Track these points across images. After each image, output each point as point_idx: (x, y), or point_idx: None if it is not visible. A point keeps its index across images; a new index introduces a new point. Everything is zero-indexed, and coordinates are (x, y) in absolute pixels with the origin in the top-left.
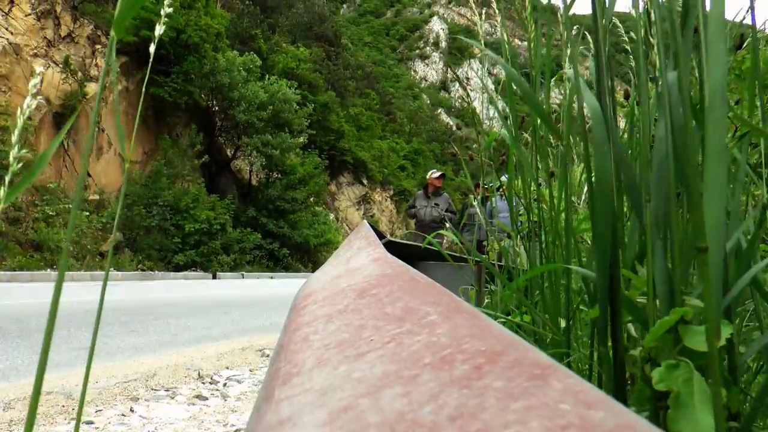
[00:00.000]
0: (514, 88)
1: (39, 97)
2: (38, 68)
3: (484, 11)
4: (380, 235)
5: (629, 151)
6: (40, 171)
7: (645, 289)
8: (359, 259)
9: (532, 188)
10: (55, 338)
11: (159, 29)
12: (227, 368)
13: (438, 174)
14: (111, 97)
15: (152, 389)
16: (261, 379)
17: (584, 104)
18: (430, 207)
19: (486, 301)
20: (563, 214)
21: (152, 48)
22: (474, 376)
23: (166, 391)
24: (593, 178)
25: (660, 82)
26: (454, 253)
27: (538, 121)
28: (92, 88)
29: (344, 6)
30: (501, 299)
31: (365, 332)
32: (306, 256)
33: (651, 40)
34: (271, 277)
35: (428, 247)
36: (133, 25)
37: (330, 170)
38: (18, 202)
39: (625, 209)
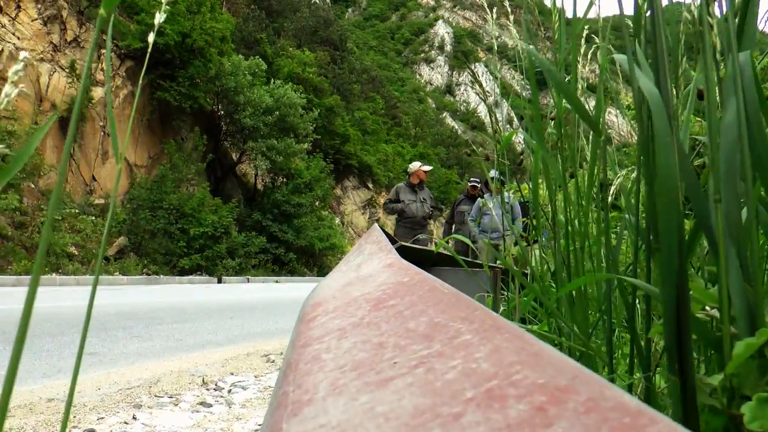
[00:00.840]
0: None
1: (21, 86)
2: (22, 54)
3: (498, 8)
4: (392, 240)
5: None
6: (25, 158)
7: (712, 304)
8: (371, 265)
9: (556, 189)
10: (58, 343)
11: (159, 17)
12: (232, 374)
13: (429, 168)
14: (117, 101)
15: (155, 396)
16: (266, 386)
17: (641, 91)
18: (419, 202)
19: (501, 309)
20: (589, 216)
21: (151, 37)
22: (538, 421)
23: (170, 397)
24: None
25: (725, 64)
26: (467, 258)
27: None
28: (98, 92)
29: (349, 10)
30: (517, 307)
31: (386, 352)
32: (311, 260)
33: (710, 20)
34: (277, 281)
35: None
36: (139, 31)
37: (335, 174)
38: (24, 207)
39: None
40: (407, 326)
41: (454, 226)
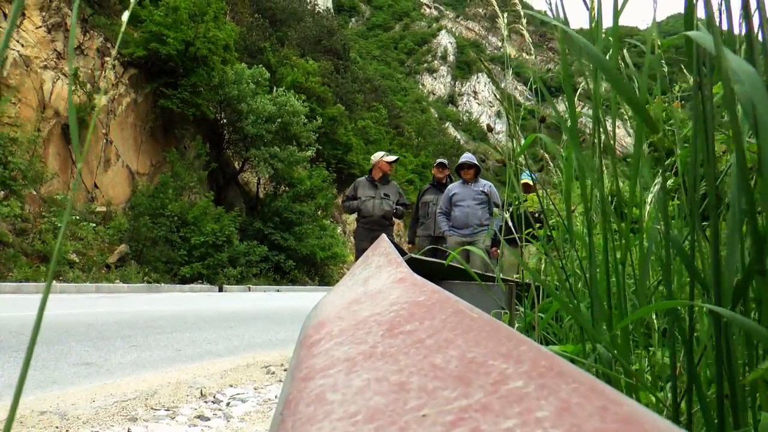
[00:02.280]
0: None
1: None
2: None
3: (505, 14)
4: (401, 252)
5: None
6: None
7: None
8: (379, 279)
9: (590, 194)
10: (54, 352)
11: (125, 16)
12: (231, 386)
13: (392, 158)
14: (119, 109)
15: (152, 408)
16: (266, 398)
17: (731, 74)
18: (379, 198)
19: (516, 325)
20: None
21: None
22: None
23: (167, 410)
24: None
25: None
26: (479, 271)
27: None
28: (101, 100)
29: (353, 20)
30: (526, 323)
31: (410, 397)
32: (313, 269)
33: None
34: (278, 290)
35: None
36: (143, 39)
37: (338, 183)
38: (25, 213)
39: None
40: (433, 361)
41: (419, 221)
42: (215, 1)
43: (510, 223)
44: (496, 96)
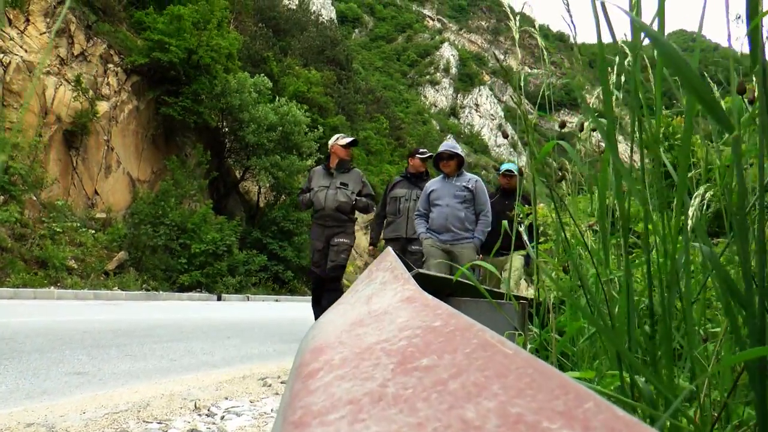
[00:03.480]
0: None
1: None
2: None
3: (504, 33)
4: (407, 266)
5: None
6: None
7: None
8: (384, 297)
9: (630, 205)
10: (46, 361)
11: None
12: (226, 398)
13: (348, 139)
14: (121, 116)
15: (144, 421)
16: (261, 412)
17: None
18: (333, 188)
19: (529, 347)
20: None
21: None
22: None
23: (159, 423)
24: None
25: None
26: (488, 287)
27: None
28: (103, 106)
29: (356, 31)
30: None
31: None
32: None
33: None
34: (277, 300)
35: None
36: (146, 46)
37: None
38: (25, 219)
39: None
40: (463, 416)
41: (386, 220)
42: (219, 10)
43: (524, 238)
44: (513, 98)
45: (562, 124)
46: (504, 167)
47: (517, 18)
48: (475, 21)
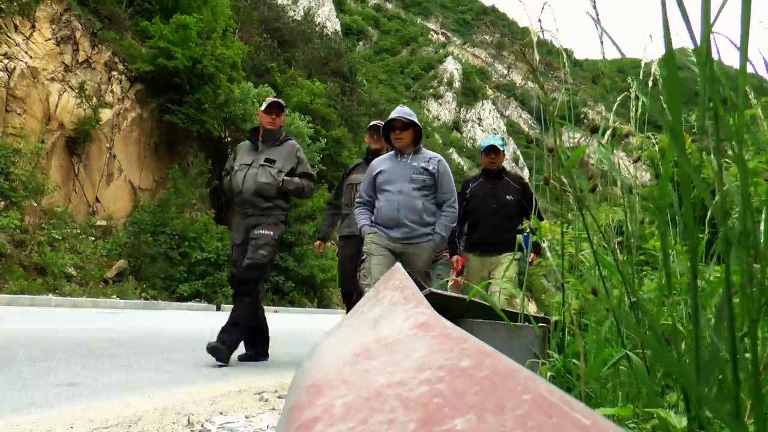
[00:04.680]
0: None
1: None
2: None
3: (507, 48)
4: (419, 285)
5: None
6: None
7: None
8: (394, 321)
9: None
10: (38, 371)
11: None
12: (221, 413)
13: (271, 99)
14: (124, 124)
15: None
16: (257, 428)
17: None
18: (256, 166)
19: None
20: None
21: None
22: None
23: None
24: None
25: None
26: (503, 307)
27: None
28: (106, 113)
29: (360, 43)
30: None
31: None
32: (312, 291)
33: None
34: (276, 311)
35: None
36: (150, 54)
37: None
38: (24, 225)
39: None
40: None
41: (341, 212)
42: (224, 19)
43: (546, 249)
44: (516, 113)
45: (594, 128)
46: (487, 142)
47: (535, 35)
48: (479, 35)
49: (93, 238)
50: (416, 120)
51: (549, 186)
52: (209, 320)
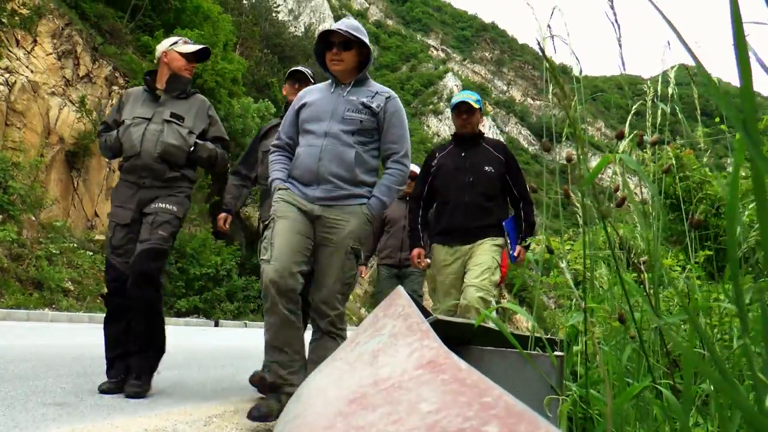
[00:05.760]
0: None
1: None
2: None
3: (507, 64)
4: (422, 310)
5: None
6: None
7: None
8: (396, 357)
9: None
10: (26, 390)
11: None
12: None
13: (194, 47)
14: None
15: None
16: None
17: None
18: (159, 122)
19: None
20: None
21: None
22: None
23: None
24: None
25: None
26: (514, 330)
27: None
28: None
29: None
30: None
31: None
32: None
33: None
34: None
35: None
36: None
37: None
38: (22, 239)
39: None
40: None
41: (255, 179)
42: (224, 33)
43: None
44: (516, 129)
45: (620, 135)
46: (458, 98)
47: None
48: (479, 52)
49: (91, 253)
50: (364, 38)
51: (568, 200)
52: (207, 336)
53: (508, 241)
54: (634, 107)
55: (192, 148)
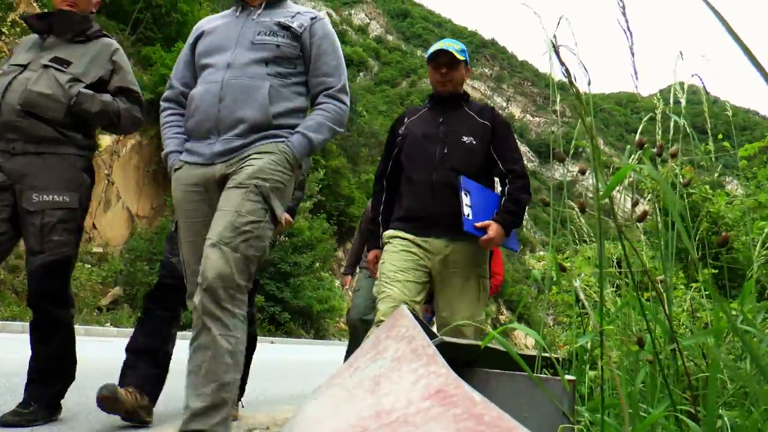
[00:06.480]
0: None
1: None
2: None
3: (507, 81)
4: (427, 331)
5: None
6: None
7: None
8: (400, 384)
9: None
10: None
11: None
12: None
13: None
14: (123, 150)
15: None
16: None
17: None
18: (37, 68)
19: None
20: None
21: None
22: None
23: None
24: None
25: None
26: (522, 351)
27: None
28: (106, 140)
29: (361, 74)
30: None
31: None
32: (308, 321)
33: None
34: (272, 342)
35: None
36: (152, 82)
37: (338, 236)
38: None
39: None
40: None
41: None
42: None
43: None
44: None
45: (640, 144)
46: (437, 46)
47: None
48: (478, 68)
49: (89, 265)
50: None
51: (584, 212)
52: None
53: (469, 213)
54: (643, 120)
55: (73, 101)
